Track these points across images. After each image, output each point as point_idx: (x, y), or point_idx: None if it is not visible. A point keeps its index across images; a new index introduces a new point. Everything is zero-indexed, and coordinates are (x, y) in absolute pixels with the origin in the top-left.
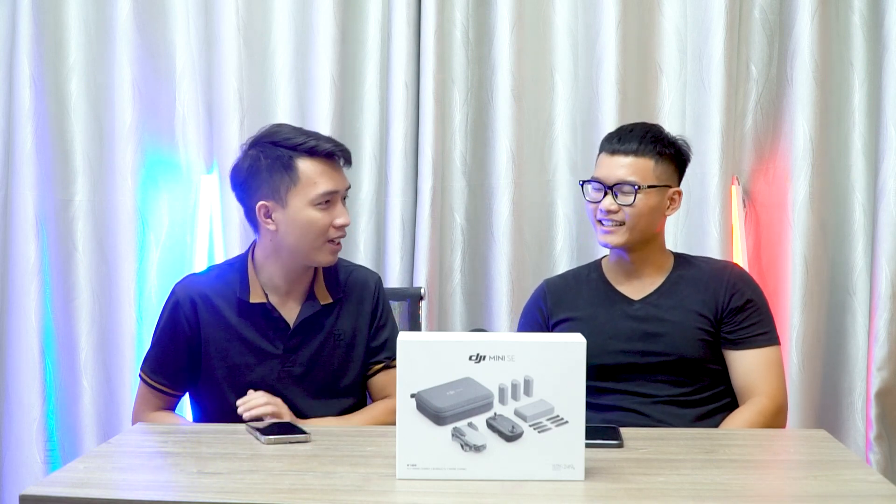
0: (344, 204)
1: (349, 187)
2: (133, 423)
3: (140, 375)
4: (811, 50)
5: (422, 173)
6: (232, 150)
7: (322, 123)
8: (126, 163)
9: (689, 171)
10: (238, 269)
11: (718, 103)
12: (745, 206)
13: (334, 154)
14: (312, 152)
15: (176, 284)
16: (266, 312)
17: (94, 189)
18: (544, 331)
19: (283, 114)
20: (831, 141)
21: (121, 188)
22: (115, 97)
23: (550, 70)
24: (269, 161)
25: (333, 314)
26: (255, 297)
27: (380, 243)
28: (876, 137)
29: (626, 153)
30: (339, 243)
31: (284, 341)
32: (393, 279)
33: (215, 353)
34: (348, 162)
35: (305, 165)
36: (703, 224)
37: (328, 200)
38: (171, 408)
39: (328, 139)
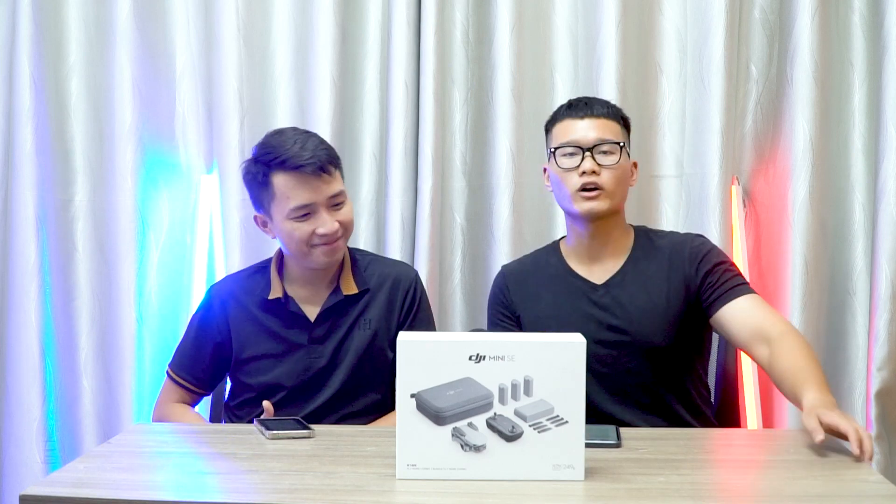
0: (335, 209)
1: (337, 193)
2: (154, 414)
3: (167, 371)
4: (811, 50)
5: (422, 173)
6: (232, 150)
7: (322, 123)
8: (126, 163)
9: (689, 170)
10: (264, 268)
11: (718, 103)
12: (745, 206)
13: (301, 168)
14: (284, 166)
15: (212, 286)
16: (283, 307)
17: (94, 189)
18: (512, 321)
19: (283, 114)
20: (831, 141)
21: (121, 188)
22: (115, 97)
23: (550, 70)
24: (250, 177)
25: (361, 304)
26: (274, 294)
27: (380, 243)
28: (876, 137)
29: (596, 116)
30: (334, 243)
31: (308, 331)
32: None
33: (247, 346)
34: (325, 170)
35: (279, 180)
36: (703, 224)
37: (306, 213)
38: (193, 404)
39: (307, 147)
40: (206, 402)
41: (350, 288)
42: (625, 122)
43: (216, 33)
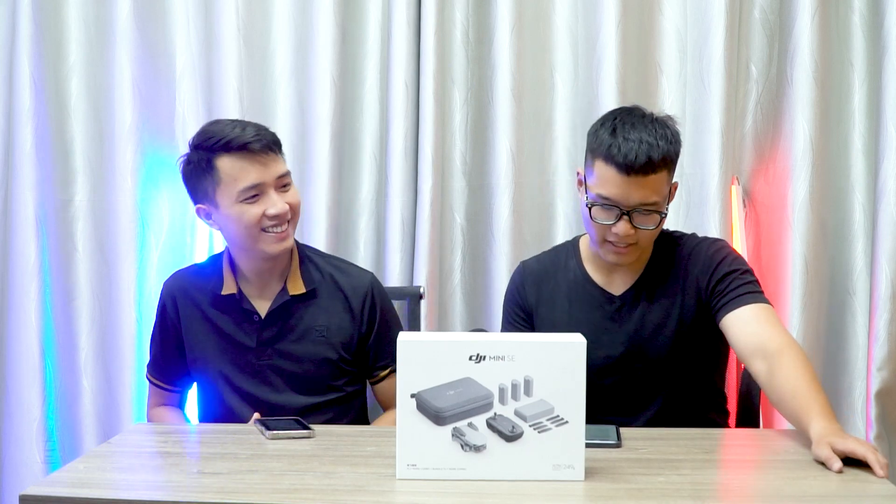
0: (283, 190)
1: (284, 174)
2: (146, 418)
3: (145, 374)
4: (811, 50)
5: (422, 173)
6: None
7: (322, 123)
8: (126, 163)
9: (689, 170)
10: (216, 262)
11: (718, 103)
12: (745, 206)
13: (248, 145)
14: (227, 148)
15: (164, 282)
16: (237, 303)
17: (94, 189)
18: (527, 322)
19: (283, 114)
20: (831, 141)
21: (121, 188)
22: (115, 97)
23: (550, 70)
24: (192, 166)
25: (310, 306)
26: (227, 289)
27: (380, 243)
28: (876, 137)
29: (645, 173)
30: (282, 231)
31: (258, 333)
32: (393, 279)
33: (196, 346)
34: (272, 149)
35: (223, 163)
36: (703, 224)
37: (255, 194)
38: (175, 403)
39: (248, 129)
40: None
41: (297, 287)
42: (675, 158)
43: (216, 33)
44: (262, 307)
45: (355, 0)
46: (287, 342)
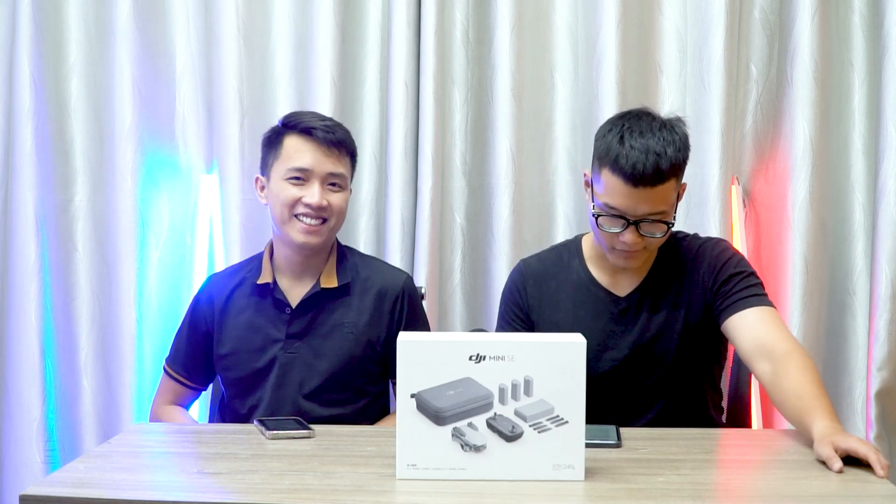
0: (331, 189)
1: (338, 173)
2: (151, 411)
3: (163, 366)
4: (811, 50)
5: (422, 173)
6: (232, 150)
7: None
8: (126, 163)
9: (689, 170)
10: (259, 254)
11: (718, 103)
12: (745, 206)
13: (313, 130)
14: (296, 128)
15: (210, 275)
16: (270, 293)
17: (94, 189)
18: (524, 322)
19: (283, 114)
20: (831, 141)
21: (121, 188)
22: (115, 97)
23: (550, 70)
24: (268, 138)
25: (341, 304)
26: (263, 279)
27: (380, 243)
28: (876, 137)
29: (653, 184)
30: (314, 225)
31: (287, 325)
32: None
33: (226, 342)
34: (336, 147)
35: (289, 141)
36: (703, 224)
37: (300, 177)
38: (187, 401)
39: (325, 122)
40: (207, 400)
41: (330, 281)
42: (684, 163)
43: (216, 33)
44: (294, 300)
45: (355, 0)
46: (315, 336)
